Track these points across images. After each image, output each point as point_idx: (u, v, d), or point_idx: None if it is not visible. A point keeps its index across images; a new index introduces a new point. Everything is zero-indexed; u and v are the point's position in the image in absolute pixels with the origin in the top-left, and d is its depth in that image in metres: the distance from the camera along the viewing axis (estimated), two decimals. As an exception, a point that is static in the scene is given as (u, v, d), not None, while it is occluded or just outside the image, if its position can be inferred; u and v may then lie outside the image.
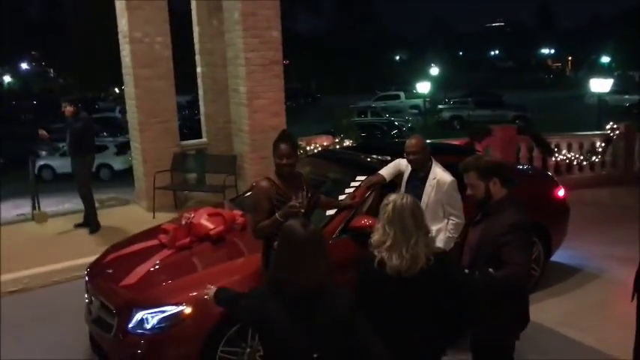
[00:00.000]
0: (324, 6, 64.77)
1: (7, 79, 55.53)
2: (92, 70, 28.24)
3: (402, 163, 4.45)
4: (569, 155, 10.18)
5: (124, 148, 21.54)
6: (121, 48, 8.14)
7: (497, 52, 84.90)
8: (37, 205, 8.45)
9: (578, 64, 69.80)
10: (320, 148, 8.40)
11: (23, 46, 50.29)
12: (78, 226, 7.52)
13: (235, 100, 7.90)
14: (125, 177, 18.37)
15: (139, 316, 3.70)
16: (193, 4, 8.67)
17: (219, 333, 3.70)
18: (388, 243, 2.60)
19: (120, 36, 8.10)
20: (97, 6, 26.27)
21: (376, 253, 2.63)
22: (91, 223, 7.40)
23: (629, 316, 3.95)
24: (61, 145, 19.32)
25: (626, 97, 32.65)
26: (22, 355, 4.66)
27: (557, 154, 10.05)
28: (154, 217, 7.53)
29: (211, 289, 2.87)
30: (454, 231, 4.10)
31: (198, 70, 8.81)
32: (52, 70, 62.13)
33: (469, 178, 2.96)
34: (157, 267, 4.11)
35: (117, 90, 31.39)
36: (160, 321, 3.65)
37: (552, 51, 79.82)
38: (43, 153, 22.05)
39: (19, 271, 6.10)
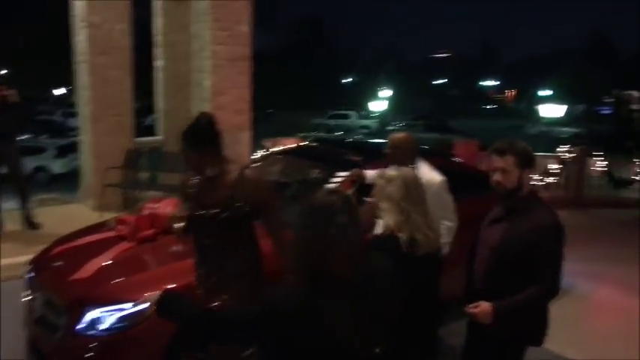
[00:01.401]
0: (278, 25, 65.19)
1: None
2: (32, 71, 26.84)
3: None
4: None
5: (64, 152, 20.41)
6: (75, 33, 7.54)
7: (443, 80, 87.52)
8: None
9: (518, 95, 73.00)
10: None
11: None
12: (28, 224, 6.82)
13: (198, 95, 7.45)
14: (64, 182, 17.36)
15: (91, 314, 3.19)
16: (155, -8, 8.21)
17: (184, 336, 3.23)
18: (416, 220, 2.46)
19: (76, 20, 7.50)
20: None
21: (400, 235, 2.42)
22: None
23: (603, 328, 3.86)
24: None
25: (565, 129, 34.17)
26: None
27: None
28: (100, 217, 6.91)
29: (153, 295, 2.07)
30: (448, 235, 3.72)
31: (157, 63, 8.30)
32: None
33: (503, 162, 2.54)
34: (115, 260, 3.60)
35: (56, 92, 29.93)
36: (118, 320, 3.15)
37: (494, 82, 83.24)
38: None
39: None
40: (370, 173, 3.94)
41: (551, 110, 16.80)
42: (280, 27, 63.17)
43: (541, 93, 54.72)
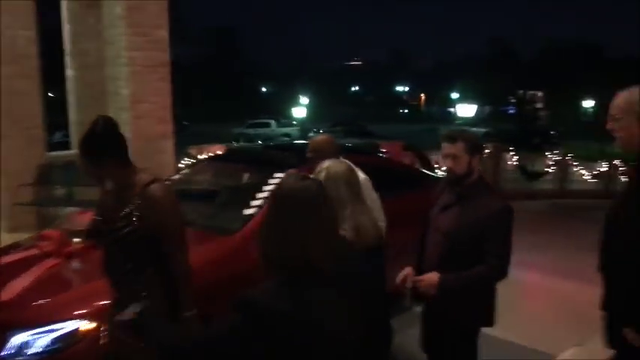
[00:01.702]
0: (190, 36, 63.99)
1: None
2: None
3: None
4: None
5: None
6: (-26, 41, 6.96)
7: (357, 87, 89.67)
8: None
9: (430, 100, 76.14)
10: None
11: None
12: None
13: (116, 104, 7.10)
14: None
15: (17, 339, 2.90)
16: (64, -1, 7.75)
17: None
18: (355, 212, 2.46)
19: (-27, 27, 6.93)
20: None
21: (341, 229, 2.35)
22: None
23: (538, 313, 4.00)
24: None
25: (474, 129, 36.00)
26: None
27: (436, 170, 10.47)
28: (12, 238, 6.39)
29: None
30: None
31: (68, 72, 7.83)
32: None
33: (454, 149, 2.60)
34: (41, 279, 3.30)
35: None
36: (49, 343, 2.89)
37: (407, 88, 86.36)
38: None
39: None
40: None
41: (465, 110, 17.63)
42: (191, 38, 62.21)
43: (452, 96, 57.62)
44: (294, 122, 39.81)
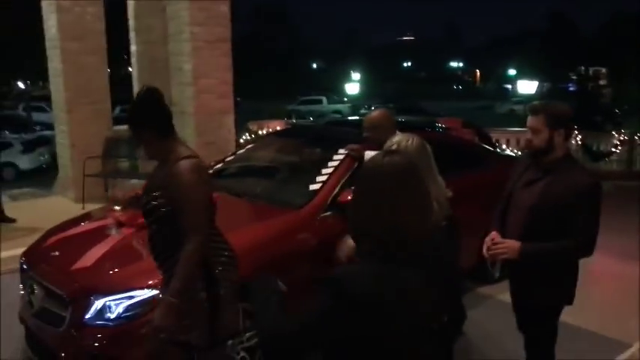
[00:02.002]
0: (239, 12, 64.19)
1: None
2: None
3: None
4: (508, 150, 10.37)
5: (30, 146, 19.76)
6: (45, 18, 7.20)
7: (409, 64, 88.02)
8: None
9: (486, 76, 73.94)
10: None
11: None
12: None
13: (178, 79, 7.20)
14: (32, 178, 16.79)
15: (99, 303, 3.03)
16: (128, -26, 7.88)
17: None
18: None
19: (44, 4, 7.17)
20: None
21: None
22: None
23: (609, 299, 3.81)
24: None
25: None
26: None
27: (497, 149, 10.20)
28: (83, 208, 6.67)
29: None
30: None
31: (133, 48, 8.00)
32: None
33: (534, 122, 2.53)
34: (117, 247, 3.43)
35: (21, 85, 28.90)
36: (127, 309, 3.00)
37: (461, 64, 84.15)
38: None
39: None
40: (369, 154, 3.79)
41: (526, 87, 16.98)
42: (242, 15, 62.36)
43: (508, 73, 55.67)
44: (345, 99, 39.64)
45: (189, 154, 2.42)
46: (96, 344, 2.97)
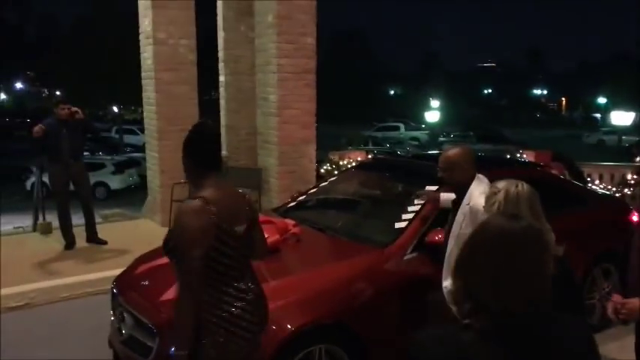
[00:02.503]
0: (320, 38, 65.33)
1: (1, 96, 55.16)
2: (89, 89, 27.83)
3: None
4: (600, 185, 9.74)
5: (121, 167, 20.97)
6: (141, 50, 7.63)
7: (490, 90, 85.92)
8: (40, 216, 7.85)
9: (572, 104, 70.82)
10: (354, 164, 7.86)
11: (19, 65, 49.86)
12: (91, 241, 6.85)
13: (264, 109, 7.37)
14: (121, 197, 17.77)
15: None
16: (219, 6, 8.18)
17: (285, 356, 3.07)
18: None
19: (141, 37, 7.59)
20: (96, 25, 26.10)
21: None
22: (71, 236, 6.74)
23: None
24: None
25: (622, 137, 32.64)
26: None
27: (589, 184, 9.61)
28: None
29: None
30: None
31: (222, 78, 8.29)
32: (45, 90, 61.84)
33: None
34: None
35: (115, 109, 30.89)
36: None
37: (545, 91, 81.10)
38: (35, 169, 21.32)
39: (23, 284, 5.42)
40: (445, 196, 3.61)
41: (621, 118, 16.04)
42: (319, 40, 62.96)
43: (597, 101, 52.91)
44: (423, 126, 39.23)
45: (201, 195, 2.30)
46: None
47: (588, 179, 9.64)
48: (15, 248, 6.75)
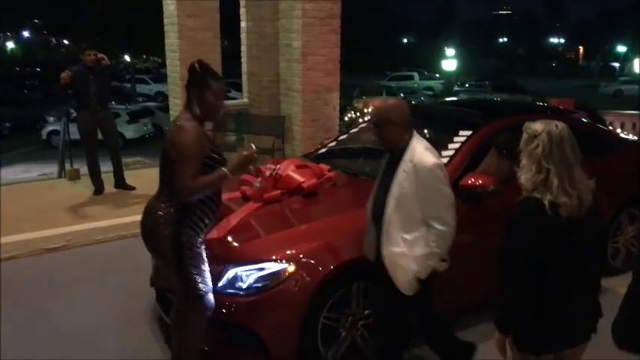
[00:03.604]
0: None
1: (10, 45, 54.67)
2: (100, 38, 27.55)
3: None
4: (622, 133, 9.68)
5: (135, 117, 21.00)
6: (164, -4, 7.53)
7: (505, 39, 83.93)
8: (66, 163, 8.00)
9: (589, 54, 69.15)
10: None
11: (26, 13, 49.20)
12: (119, 186, 6.99)
13: (287, 56, 7.31)
14: (136, 145, 17.88)
15: (231, 273, 3.19)
16: (242, -49, 8.02)
17: (322, 297, 3.19)
18: (554, 182, 2.17)
19: (164, -17, 7.48)
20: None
21: (539, 195, 2.17)
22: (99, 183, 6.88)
23: None
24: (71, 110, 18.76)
25: (636, 87, 31.88)
26: (68, 313, 4.18)
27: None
28: (193, 179, 7.00)
29: None
30: (437, 244, 2.80)
31: (243, 24, 8.18)
32: (53, 39, 61.25)
33: None
34: (246, 220, 3.58)
35: (127, 58, 30.61)
36: (258, 280, 3.14)
37: (562, 40, 79.02)
38: (51, 119, 21.44)
39: (60, 227, 5.59)
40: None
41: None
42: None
43: (617, 49, 51.51)
44: (437, 75, 38.63)
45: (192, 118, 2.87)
46: (227, 311, 3.14)
47: (610, 127, 9.57)
48: (46, 194, 6.91)
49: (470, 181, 3.71)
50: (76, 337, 3.84)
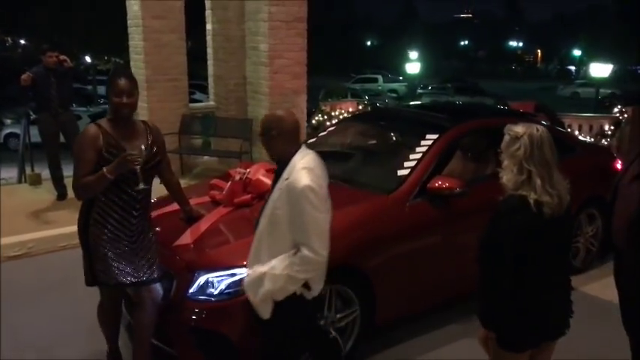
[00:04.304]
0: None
1: (-39, 45, 52.72)
2: (60, 38, 26.83)
3: None
4: (580, 135, 10.01)
5: (96, 120, 20.54)
6: (127, -3, 7.41)
7: (466, 42, 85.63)
8: (26, 167, 7.77)
9: (547, 56, 71.16)
10: (345, 114, 7.91)
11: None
12: None
13: (253, 59, 7.30)
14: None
15: (202, 279, 3.17)
16: (207, -48, 7.98)
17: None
18: (537, 182, 2.27)
19: (127, -17, 7.36)
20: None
21: (524, 193, 2.27)
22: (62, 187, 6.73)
23: None
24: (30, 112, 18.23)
25: (592, 90, 32.91)
26: (32, 322, 4.07)
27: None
28: (160, 183, 6.90)
29: None
30: (301, 269, 2.54)
31: (209, 27, 8.13)
32: (9, 39, 59.42)
33: None
34: (217, 225, 3.56)
35: (88, 59, 29.90)
36: (230, 285, 3.12)
37: (521, 44, 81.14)
38: (8, 121, 20.81)
39: (22, 234, 5.44)
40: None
41: (599, 70, 16.28)
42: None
43: (573, 53, 53.09)
44: (401, 78, 39.09)
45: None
46: (197, 317, 3.12)
47: (568, 129, 9.87)
48: (6, 199, 6.70)
49: (437, 184, 3.79)
50: (41, 348, 3.75)
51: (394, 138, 4.72)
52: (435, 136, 4.15)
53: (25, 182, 7.55)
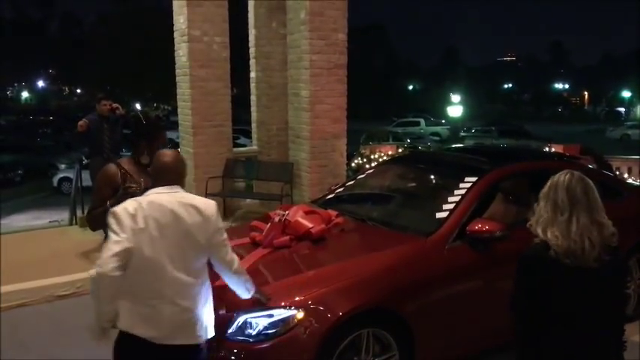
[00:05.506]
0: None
1: (24, 94, 56.13)
2: (112, 87, 28.24)
3: None
4: (630, 179, 9.70)
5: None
6: (176, 47, 7.80)
7: (510, 85, 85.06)
8: (77, 210, 8.10)
9: (595, 98, 69.80)
10: (385, 157, 7.97)
11: (41, 63, 50.69)
12: None
13: (295, 104, 7.50)
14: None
15: (241, 319, 3.21)
16: (250, 5, 8.34)
17: (332, 343, 3.20)
18: (542, 218, 2.26)
19: (176, 34, 7.76)
20: (118, 23, 26.43)
21: (545, 237, 2.21)
22: None
23: None
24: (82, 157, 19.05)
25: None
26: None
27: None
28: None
29: None
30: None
31: (252, 74, 8.44)
32: (66, 88, 62.87)
33: None
34: (256, 266, 3.62)
35: (138, 106, 31.29)
36: (268, 327, 3.15)
37: (567, 86, 79.95)
38: (62, 166, 21.76)
39: (71, 274, 5.63)
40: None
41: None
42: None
43: (622, 95, 51.95)
44: (444, 121, 39.04)
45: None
46: (236, 358, 3.14)
47: (617, 173, 9.60)
48: (57, 240, 6.99)
49: (477, 227, 3.75)
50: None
51: (433, 180, 4.73)
52: (474, 179, 4.13)
53: (76, 224, 7.85)
